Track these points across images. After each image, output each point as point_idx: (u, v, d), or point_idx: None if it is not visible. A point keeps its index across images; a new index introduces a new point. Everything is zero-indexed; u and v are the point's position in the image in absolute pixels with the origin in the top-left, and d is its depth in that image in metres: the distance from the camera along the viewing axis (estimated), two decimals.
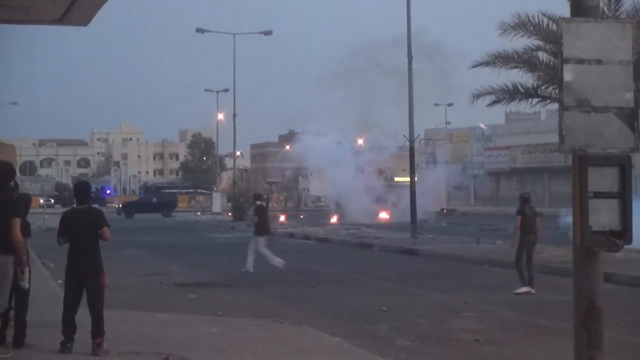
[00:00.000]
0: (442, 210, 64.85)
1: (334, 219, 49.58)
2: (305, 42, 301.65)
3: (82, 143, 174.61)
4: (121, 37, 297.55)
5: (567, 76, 5.98)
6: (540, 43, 26.80)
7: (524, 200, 18.09)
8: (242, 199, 56.90)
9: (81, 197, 10.55)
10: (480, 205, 75.19)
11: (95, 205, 11.55)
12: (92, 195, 11.07)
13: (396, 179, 79.54)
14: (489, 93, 28.39)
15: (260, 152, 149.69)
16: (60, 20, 12.63)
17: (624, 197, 6.09)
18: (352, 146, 68.33)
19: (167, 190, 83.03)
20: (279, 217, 49.51)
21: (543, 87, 27.29)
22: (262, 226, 22.08)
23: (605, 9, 24.19)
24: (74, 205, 10.40)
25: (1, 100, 77.61)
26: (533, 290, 17.18)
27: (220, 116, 79.14)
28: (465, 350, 11.53)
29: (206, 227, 49.47)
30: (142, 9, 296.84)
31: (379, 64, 52.45)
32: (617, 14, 24.72)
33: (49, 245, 10.94)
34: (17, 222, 9.27)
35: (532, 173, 70.19)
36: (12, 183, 10.04)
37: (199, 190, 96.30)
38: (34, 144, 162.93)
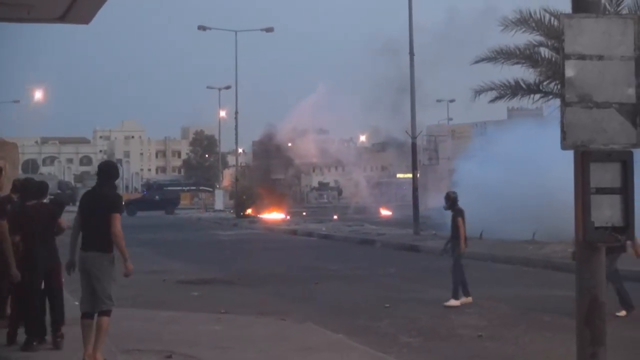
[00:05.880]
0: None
1: (335, 217, 49.62)
2: (307, 38, 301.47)
3: (84, 141, 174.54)
4: (123, 35, 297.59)
5: (569, 72, 5.97)
6: (542, 39, 26.87)
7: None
8: (244, 196, 56.95)
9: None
10: None
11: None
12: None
13: (398, 175, 79.53)
14: (491, 89, 28.45)
15: (262, 149, 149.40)
16: (62, 18, 12.60)
17: (626, 192, 6.09)
18: (356, 144, 68.35)
19: (169, 188, 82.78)
20: None
21: (545, 83, 27.35)
22: None
23: (607, 4, 24.20)
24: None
25: (3, 98, 77.58)
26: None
27: (223, 113, 79.15)
28: (468, 346, 11.54)
29: (209, 225, 49.48)
30: (143, 7, 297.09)
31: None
32: (619, 9, 24.74)
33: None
34: (119, 217, 9.35)
35: None
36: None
37: (201, 188, 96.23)
38: (36, 142, 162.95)
